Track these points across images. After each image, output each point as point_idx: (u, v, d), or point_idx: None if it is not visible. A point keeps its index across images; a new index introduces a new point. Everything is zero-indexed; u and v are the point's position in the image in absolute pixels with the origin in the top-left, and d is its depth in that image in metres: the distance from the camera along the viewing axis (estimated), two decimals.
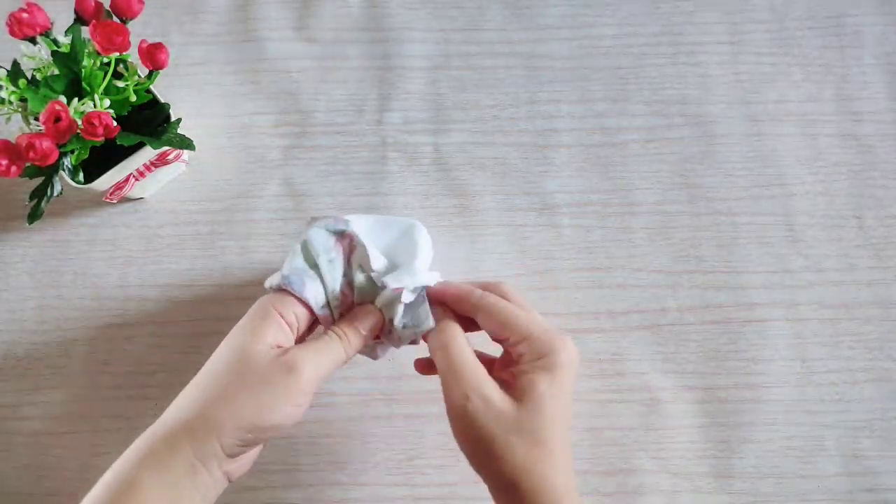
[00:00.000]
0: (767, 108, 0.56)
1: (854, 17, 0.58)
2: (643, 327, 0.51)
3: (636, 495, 0.48)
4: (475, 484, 0.48)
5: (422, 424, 0.50)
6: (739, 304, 0.52)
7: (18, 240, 0.53)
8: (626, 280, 0.52)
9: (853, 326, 0.51)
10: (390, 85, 0.57)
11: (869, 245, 0.53)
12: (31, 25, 0.44)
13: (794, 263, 0.53)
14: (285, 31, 0.58)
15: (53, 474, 0.49)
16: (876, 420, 0.50)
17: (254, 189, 0.54)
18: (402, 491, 0.48)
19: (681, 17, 0.58)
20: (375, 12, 0.58)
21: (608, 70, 0.57)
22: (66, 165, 0.45)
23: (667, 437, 0.49)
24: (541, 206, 0.54)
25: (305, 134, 0.55)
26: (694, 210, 0.54)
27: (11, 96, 0.43)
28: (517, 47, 0.58)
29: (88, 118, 0.41)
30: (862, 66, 0.57)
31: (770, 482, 0.49)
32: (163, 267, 0.52)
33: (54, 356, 0.51)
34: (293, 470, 0.49)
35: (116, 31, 0.42)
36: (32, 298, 0.52)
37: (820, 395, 0.50)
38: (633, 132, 0.56)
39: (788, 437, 0.49)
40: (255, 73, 0.57)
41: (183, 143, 0.46)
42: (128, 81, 0.45)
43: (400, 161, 0.55)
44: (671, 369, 0.51)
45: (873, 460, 0.49)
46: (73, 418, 0.50)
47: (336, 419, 0.50)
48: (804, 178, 0.55)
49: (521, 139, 0.55)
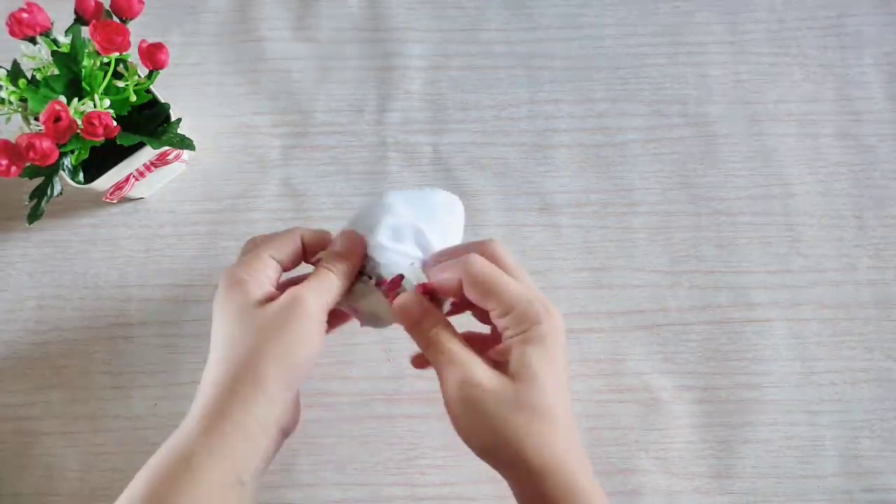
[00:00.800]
0: (767, 108, 0.56)
1: (854, 17, 0.58)
2: (643, 327, 0.51)
3: (636, 495, 0.48)
4: (475, 484, 0.48)
5: (422, 425, 0.50)
6: (739, 304, 0.52)
7: (18, 240, 0.53)
8: (626, 280, 0.52)
9: (853, 326, 0.51)
10: (390, 85, 0.57)
11: (869, 245, 0.53)
12: (31, 25, 0.44)
13: (794, 263, 0.53)
14: (285, 31, 0.58)
15: (54, 474, 0.49)
16: (875, 420, 0.50)
17: (253, 189, 0.54)
18: (402, 491, 0.48)
19: (681, 17, 0.58)
20: (375, 12, 0.58)
21: (608, 70, 0.57)
22: (66, 165, 0.45)
23: (666, 438, 0.49)
24: (541, 206, 0.54)
25: (305, 134, 0.55)
26: (694, 210, 0.54)
27: (11, 96, 0.43)
28: (517, 47, 0.58)
29: (88, 118, 0.41)
30: (862, 66, 0.57)
31: (770, 482, 0.49)
32: (163, 267, 0.52)
33: (54, 356, 0.51)
34: (293, 470, 0.49)
35: (116, 31, 0.42)
36: (32, 298, 0.52)
37: (820, 395, 0.50)
38: (633, 132, 0.56)
39: (788, 437, 0.49)
40: (255, 73, 0.57)
41: (183, 143, 0.46)
42: (128, 81, 0.45)
43: (400, 161, 0.55)
44: (671, 369, 0.51)
45: (873, 460, 0.49)
46: (73, 418, 0.50)
47: (336, 419, 0.50)
48: (804, 178, 0.55)
49: (521, 139, 0.55)
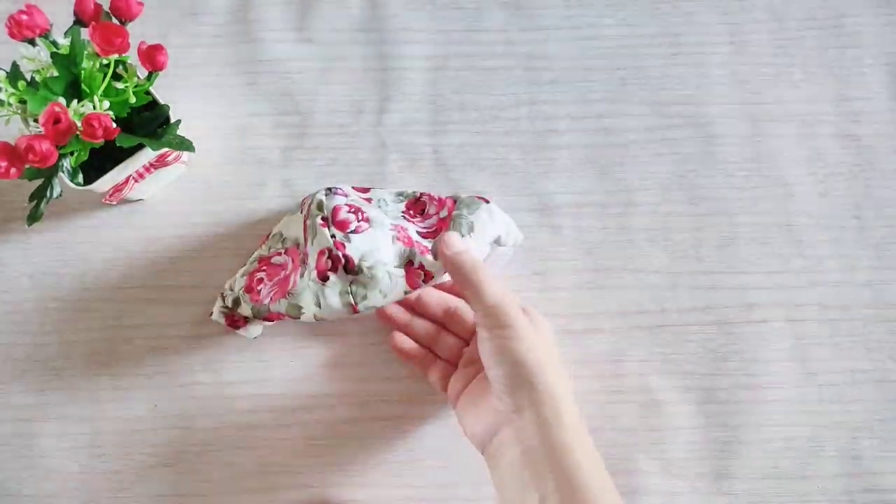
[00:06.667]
0: (767, 108, 0.56)
1: (854, 18, 0.58)
2: (643, 328, 0.51)
3: (636, 496, 0.48)
4: (475, 484, 0.49)
5: (422, 426, 0.50)
6: (739, 304, 0.52)
7: (18, 241, 0.53)
8: (626, 280, 0.52)
9: (853, 326, 0.51)
10: (390, 86, 0.57)
11: (869, 245, 0.53)
12: (30, 27, 0.43)
13: (794, 264, 0.53)
14: (285, 32, 0.58)
15: (54, 476, 0.49)
16: (876, 421, 0.50)
17: (253, 190, 0.54)
18: (402, 492, 0.49)
19: (681, 17, 0.58)
20: (375, 13, 0.58)
21: (608, 70, 0.57)
22: (66, 167, 0.45)
23: (666, 438, 0.49)
24: (541, 206, 0.54)
25: (305, 135, 0.55)
26: (694, 210, 0.54)
27: (11, 98, 0.43)
28: (517, 48, 0.58)
29: (88, 120, 0.41)
30: (862, 67, 0.57)
31: (769, 483, 0.49)
32: (162, 268, 0.52)
33: (54, 357, 0.51)
34: (293, 471, 0.49)
35: (116, 32, 0.42)
36: (32, 300, 0.52)
37: (820, 396, 0.50)
38: (633, 132, 0.56)
39: (788, 438, 0.49)
40: (255, 74, 0.57)
41: (182, 144, 0.45)
42: (127, 83, 0.45)
43: (400, 162, 0.55)
44: (671, 370, 0.51)
45: (873, 461, 0.49)
46: (73, 420, 0.50)
47: (336, 420, 0.50)
48: (804, 179, 0.55)
49: (521, 139, 0.55)
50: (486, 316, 0.41)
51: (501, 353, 0.40)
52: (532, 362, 0.39)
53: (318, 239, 0.45)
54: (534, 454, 0.38)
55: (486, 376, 0.42)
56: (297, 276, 0.46)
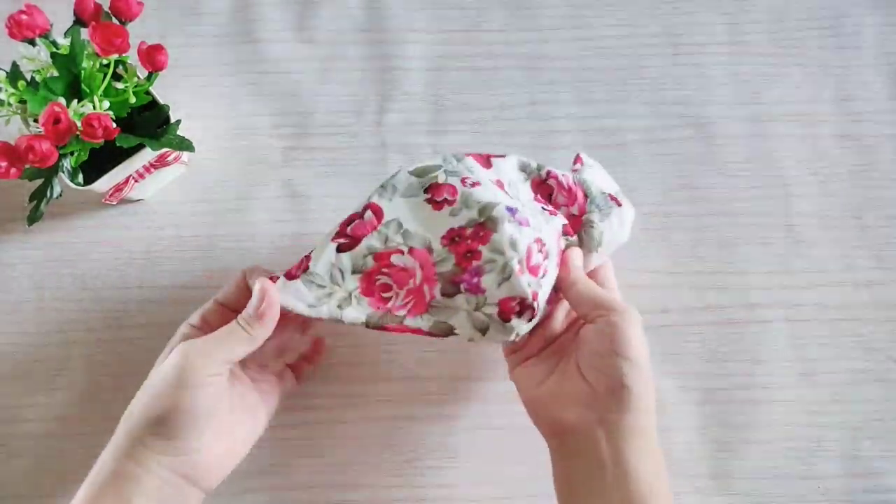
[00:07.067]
0: (767, 108, 0.56)
1: (854, 17, 0.58)
2: (643, 328, 0.51)
3: None
4: (475, 484, 0.49)
5: (422, 426, 0.50)
6: (740, 304, 0.52)
7: (18, 242, 0.53)
8: (626, 280, 0.52)
9: (853, 327, 0.51)
10: (390, 86, 0.57)
11: (869, 245, 0.53)
12: (30, 27, 0.43)
13: (794, 263, 0.53)
14: (285, 32, 0.58)
15: (55, 476, 0.49)
16: (876, 421, 0.50)
17: (253, 190, 0.54)
18: (402, 492, 0.48)
19: (681, 17, 0.58)
20: (375, 13, 0.58)
21: (608, 70, 0.57)
22: (66, 167, 0.45)
23: (667, 438, 0.49)
24: None
25: (305, 135, 0.55)
26: (694, 210, 0.54)
27: (11, 98, 0.43)
28: (517, 48, 0.58)
29: (88, 120, 0.41)
30: (862, 66, 0.57)
31: (770, 483, 0.49)
32: (162, 268, 0.52)
33: (55, 358, 0.51)
34: (293, 472, 0.49)
35: (116, 32, 0.42)
36: (32, 300, 0.52)
37: (820, 396, 0.50)
38: (633, 132, 0.56)
39: (788, 438, 0.49)
40: (255, 74, 0.57)
41: (182, 144, 0.46)
42: (127, 83, 0.45)
43: (400, 162, 0.55)
44: (671, 370, 0.51)
45: (873, 461, 0.49)
46: (73, 420, 0.50)
47: (336, 421, 0.50)
48: (804, 179, 0.55)
49: (521, 139, 0.55)
50: (605, 334, 0.40)
51: (610, 368, 0.40)
52: (634, 382, 0.39)
53: (511, 285, 0.41)
54: (605, 468, 0.38)
55: (582, 373, 0.41)
56: (438, 291, 0.42)
